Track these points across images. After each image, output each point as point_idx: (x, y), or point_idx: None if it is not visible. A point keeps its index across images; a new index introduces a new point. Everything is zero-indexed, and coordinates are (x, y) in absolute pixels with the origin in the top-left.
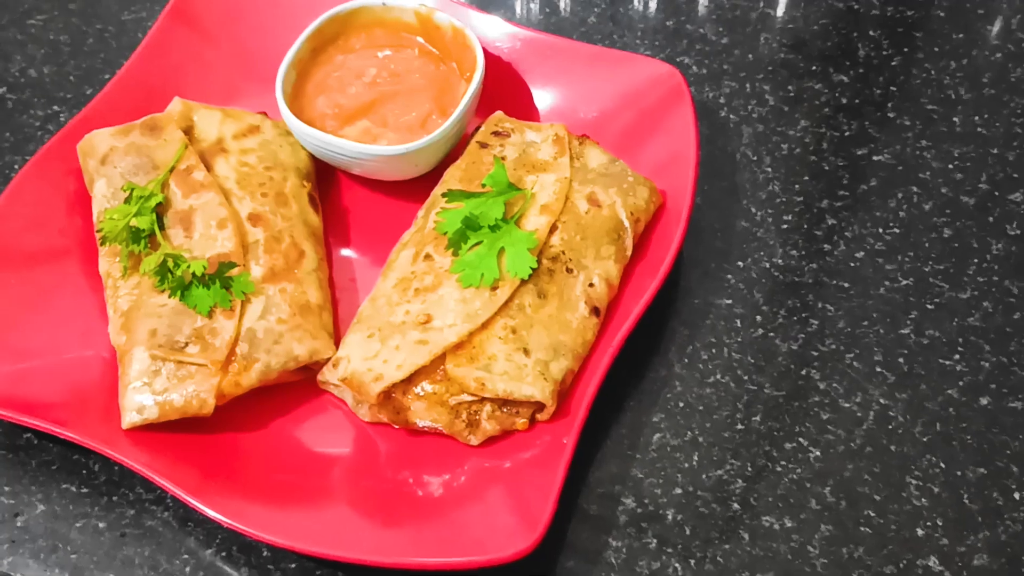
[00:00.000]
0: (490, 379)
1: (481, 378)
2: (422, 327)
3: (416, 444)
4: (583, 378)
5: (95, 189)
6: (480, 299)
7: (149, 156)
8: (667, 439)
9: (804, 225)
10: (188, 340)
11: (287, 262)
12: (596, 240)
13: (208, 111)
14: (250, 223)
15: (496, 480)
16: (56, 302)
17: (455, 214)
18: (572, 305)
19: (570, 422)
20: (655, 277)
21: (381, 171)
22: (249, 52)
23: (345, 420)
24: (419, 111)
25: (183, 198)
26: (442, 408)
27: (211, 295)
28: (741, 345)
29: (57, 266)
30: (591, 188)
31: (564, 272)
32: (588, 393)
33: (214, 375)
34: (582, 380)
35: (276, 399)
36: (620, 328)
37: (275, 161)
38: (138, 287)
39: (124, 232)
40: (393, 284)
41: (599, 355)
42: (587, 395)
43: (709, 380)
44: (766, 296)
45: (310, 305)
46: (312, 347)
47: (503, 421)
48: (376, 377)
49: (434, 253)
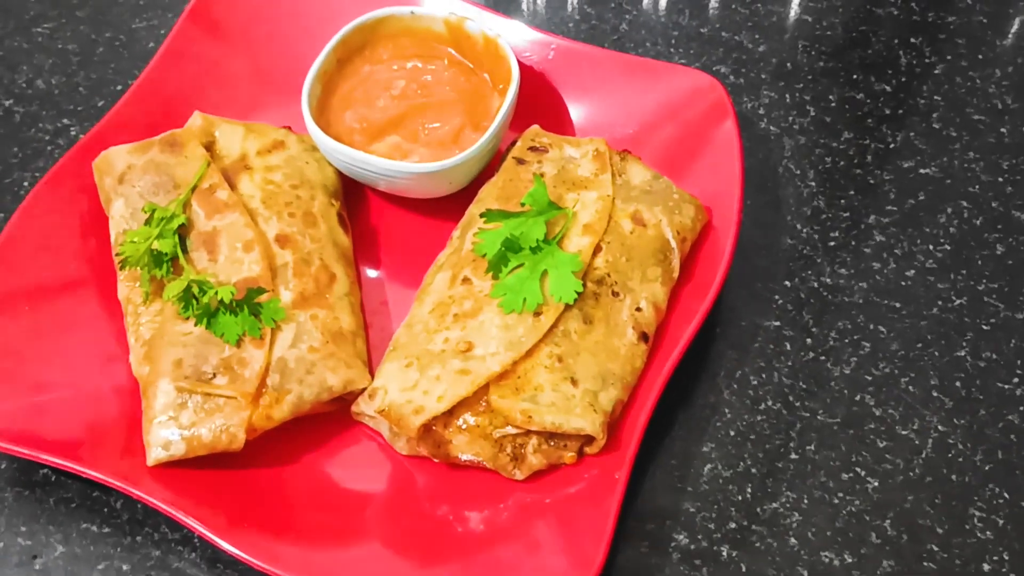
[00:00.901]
0: (537, 411)
1: (528, 410)
2: (463, 355)
3: (456, 478)
4: (632, 408)
5: (112, 209)
6: (523, 325)
7: (169, 174)
8: (719, 470)
9: (852, 242)
10: (216, 371)
11: (318, 286)
12: (642, 261)
13: (230, 126)
14: (278, 245)
15: (543, 517)
16: (72, 330)
17: (494, 235)
18: (619, 331)
19: (620, 456)
20: (703, 300)
21: (413, 189)
22: (269, 62)
23: (380, 453)
24: (451, 125)
25: (206, 219)
26: (485, 441)
27: (239, 323)
28: (791, 369)
29: (72, 291)
30: (635, 206)
31: (610, 296)
32: (638, 425)
33: (244, 408)
34: (631, 410)
35: (307, 431)
36: (669, 355)
37: (302, 179)
38: (160, 314)
39: (145, 256)
40: (430, 309)
41: (648, 384)
42: (637, 427)
43: (760, 407)
44: (815, 317)
45: (343, 332)
46: (346, 377)
47: (550, 455)
48: (416, 409)
49: (472, 276)
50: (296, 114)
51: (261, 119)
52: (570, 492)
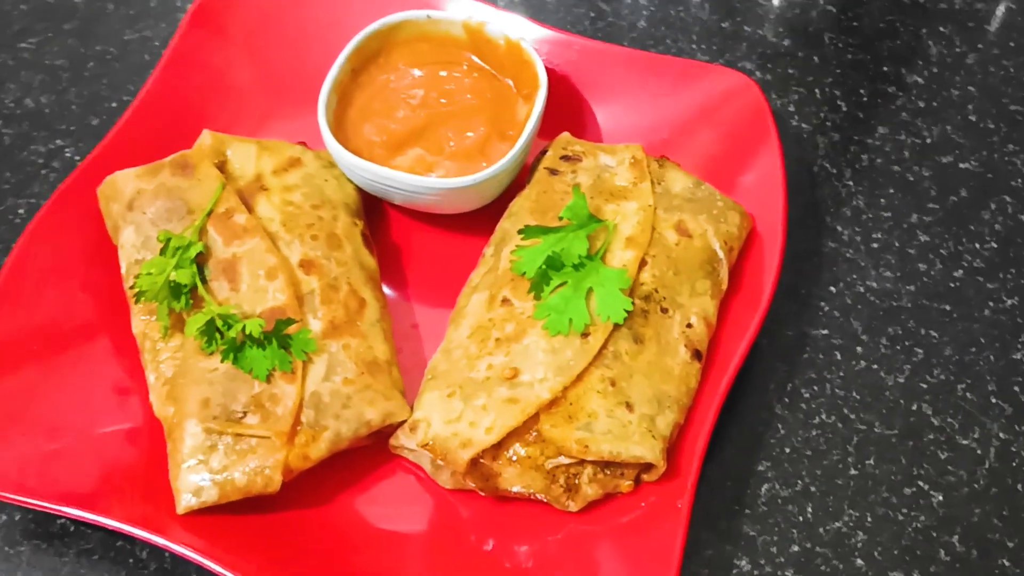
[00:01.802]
0: (593, 440)
1: (583, 440)
2: (509, 383)
3: (503, 511)
4: (689, 430)
5: (122, 238)
6: (571, 348)
7: (182, 199)
8: (777, 490)
9: (895, 243)
10: (246, 409)
11: (348, 313)
12: (690, 274)
13: (242, 144)
14: (302, 271)
15: (600, 550)
16: (84, 368)
17: (533, 252)
18: (671, 349)
19: (681, 482)
20: (752, 311)
21: (440, 205)
22: (277, 72)
23: (421, 488)
24: (476, 135)
25: (224, 245)
26: (537, 473)
27: (268, 357)
28: (844, 380)
29: (82, 327)
30: (678, 216)
31: (659, 313)
32: (697, 449)
33: (279, 448)
34: (688, 433)
35: (342, 467)
36: (722, 372)
37: (322, 198)
38: (181, 349)
39: (163, 289)
40: (468, 333)
41: (704, 404)
42: (696, 451)
43: (814, 421)
44: (864, 324)
45: (378, 361)
46: (385, 410)
47: (606, 484)
48: (464, 443)
49: (512, 297)
50: (308, 126)
51: (272, 133)
52: (628, 522)
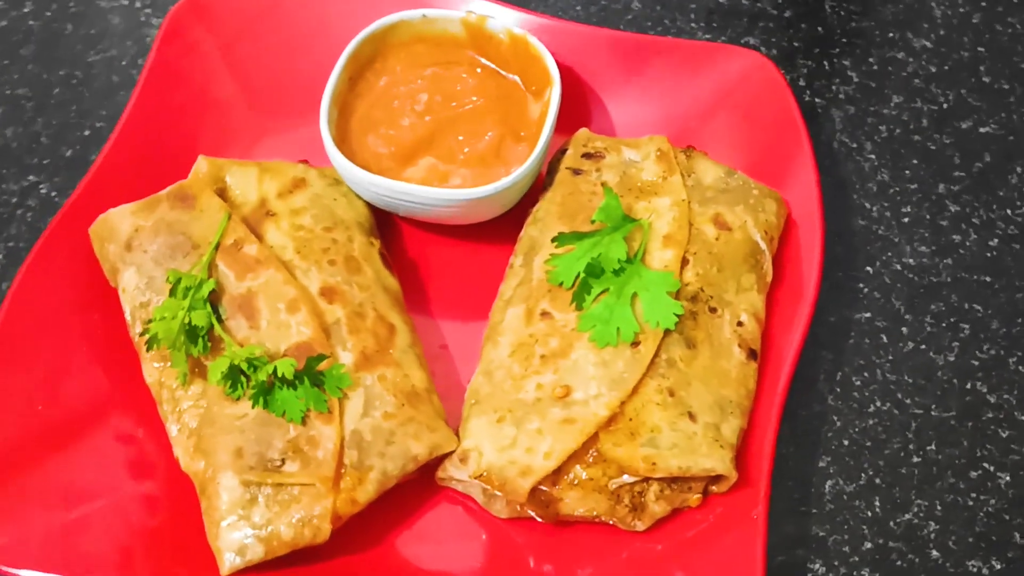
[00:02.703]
0: (660, 456)
1: (650, 456)
2: (562, 402)
3: (563, 536)
4: (753, 434)
5: (122, 281)
6: (622, 359)
7: (185, 233)
8: (841, 485)
9: (926, 216)
10: (283, 456)
11: (378, 341)
12: (734, 269)
13: (241, 168)
14: (324, 300)
15: (671, 569)
16: (94, 426)
17: (569, 260)
18: (725, 351)
19: (753, 491)
20: (798, 301)
21: (460, 216)
22: (263, 85)
23: (472, 520)
24: (489, 138)
25: (238, 280)
26: (600, 495)
27: (301, 397)
28: (894, 364)
29: (86, 380)
30: (715, 209)
31: (708, 313)
32: (765, 454)
33: (325, 495)
34: (752, 437)
35: (387, 505)
36: (779, 369)
37: (333, 219)
38: (204, 396)
39: (180, 334)
40: (509, 352)
41: (764, 405)
42: (765, 456)
43: (869, 409)
44: (906, 303)
45: (416, 390)
46: (431, 442)
47: (673, 500)
48: (523, 471)
49: (552, 309)
50: (303, 140)
51: (266, 151)
52: (698, 537)
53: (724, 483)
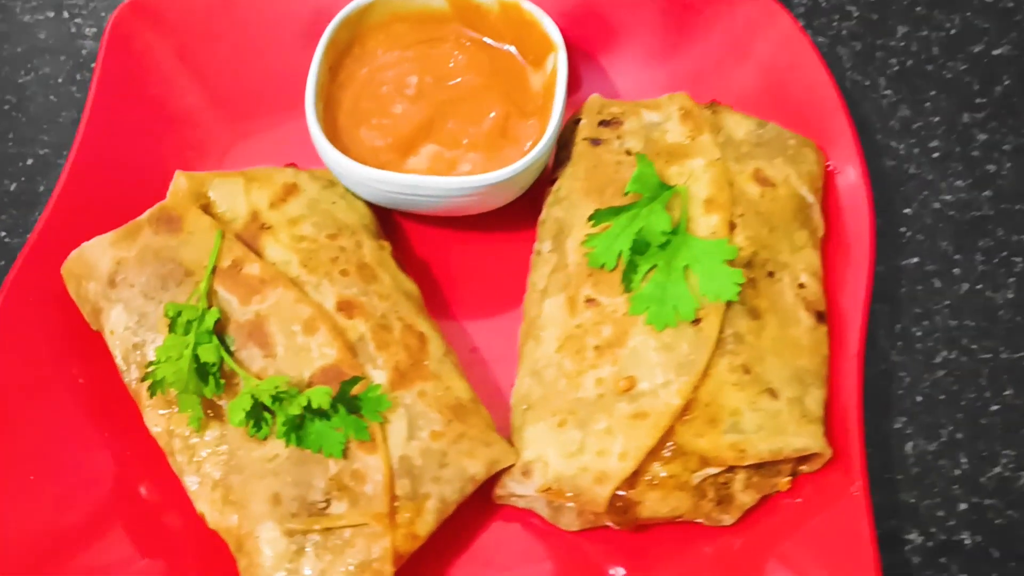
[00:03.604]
0: (748, 442)
1: (738, 443)
2: (628, 396)
3: (641, 540)
4: (836, 403)
5: (108, 322)
6: (685, 340)
7: (175, 259)
8: (922, 446)
9: (956, 148)
10: (328, 496)
11: (410, 354)
12: (786, 228)
13: (224, 180)
14: (343, 315)
15: (765, 560)
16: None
17: (608, 239)
18: (792, 317)
19: (847, 465)
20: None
21: (474, 205)
22: (226, 87)
23: (538, 537)
24: (493, 117)
25: (242, 305)
26: (683, 492)
27: (337, 427)
28: (952, 308)
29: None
30: (753, 164)
31: (767, 278)
32: (853, 422)
33: (382, 534)
34: (835, 406)
35: (441, 533)
36: (849, 328)
37: (336, 224)
38: (224, 441)
39: (190, 374)
40: (556, 347)
41: (842, 370)
42: (853, 425)
43: (936, 361)
44: (953, 242)
45: (462, 402)
46: (489, 458)
47: (762, 487)
48: (598, 477)
49: (597, 294)
50: (285, 140)
51: (242, 158)
52: (791, 523)
53: (817, 461)
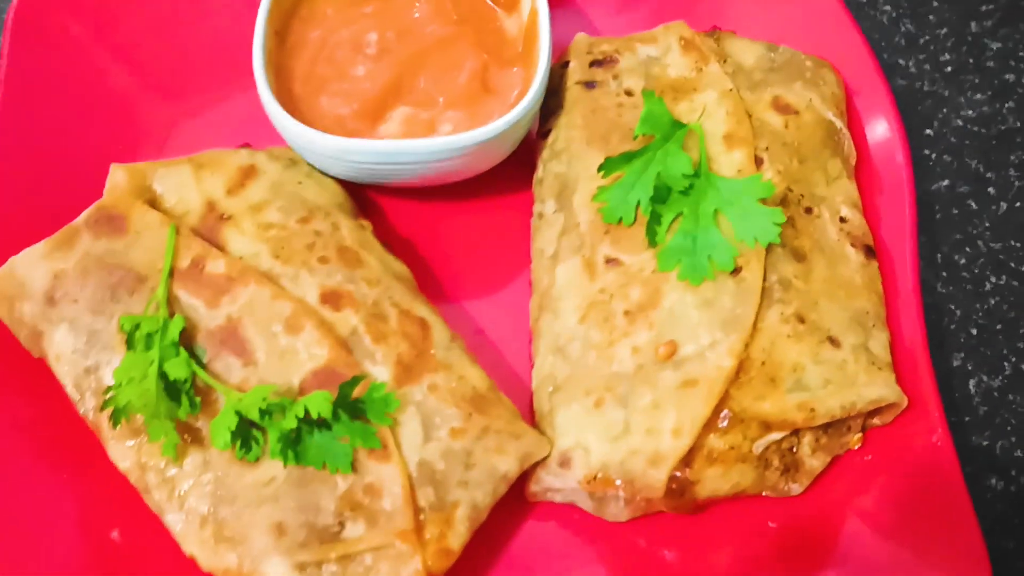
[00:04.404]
0: (817, 400)
1: (806, 402)
2: (672, 363)
3: (696, 522)
4: (898, 346)
5: (52, 345)
6: (726, 293)
7: (123, 265)
8: (986, 382)
9: (969, 60)
10: (341, 518)
11: (413, 344)
12: (816, 157)
13: (169, 169)
14: (329, 308)
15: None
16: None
17: (622, 189)
18: (839, 255)
19: (923, 412)
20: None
21: (458, 169)
22: (156, 62)
23: (580, 536)
24: (469, 68)
25: (210, 308)
26: (745, 465)
27: (342, 437)
28: (994, 230)
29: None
30: (770, 92)
31: (804, 215)
32: (922, 364)
33: (409, 554)
34: (898, 349)
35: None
36: (897, 261)
37: (307, 207)
38: (208, 468)
39: (158, 396)
40: (579, 318)
41: (900, 307)
42: (922, 367)
43: (985, 288)
44: (982, 160)
45: (479, 392)
46: (520, 452)
47: (832, 448)
48: (652, 459)
49: (617, 253)
50: (232, 118)
51: (186, 144)
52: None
53: (891, 411)
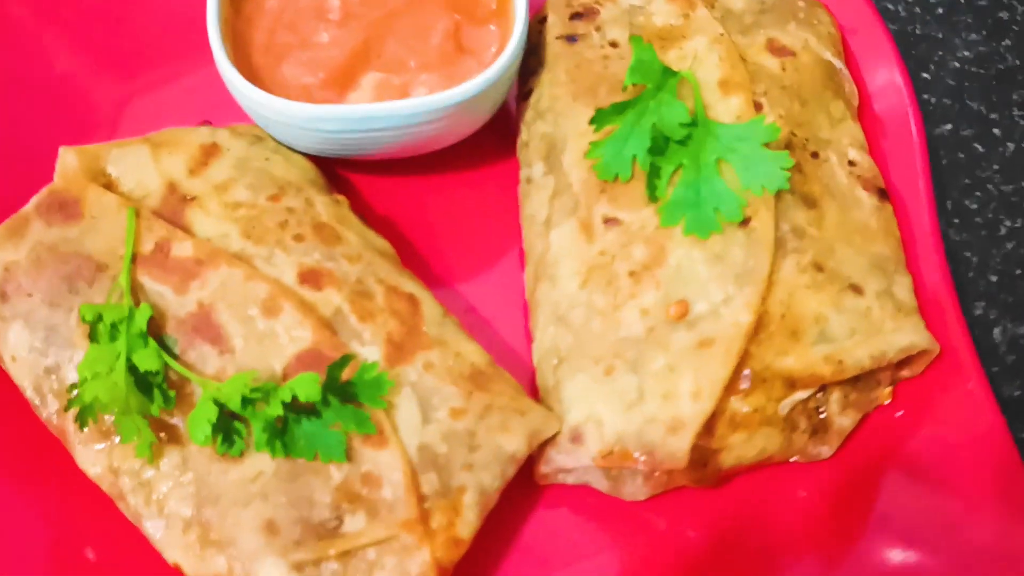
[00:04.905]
0: (845, 350)
1: (833, 354)
2: (685, 323)
3: (726, 498)
4: (920, 292)
5: (6, 346)
6: (737, 245)
7: (80, 253)
8: (1010, 329)
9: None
10: (338, 512)
11: (402, 321)
12: (818, 99)
13: (124, 150)
14: (309, 288)
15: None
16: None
17: (617, 143)
18: (851, 199)
19: (955, 360)
20: (892, 123)
21: (435, 136)
22: (104, 37)
23: (597, 520)
24: (440, 29)
25: (178, 294)
26: (771, 428)
27: (333, 423)
28: (1003, 172)
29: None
30: (763, 34)
31: (811, 160)
32: (949, 308)
33: (416, 546)
34: (921, 293)
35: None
36: (911, 205)
37: (276, 183)
38: (187, 467)
39: (127, 391)
40: (579, 283)
41: (919, 252)
42: (950, 311)
43: (1000, 232)
44: (983, 101)
45: (479, 369)
46: (528, 429)
47: (861, 404)
48: (672, 426)
49: (615, 211)
50: (188, 94)
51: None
52: (900, 440)
53: (921, 361)
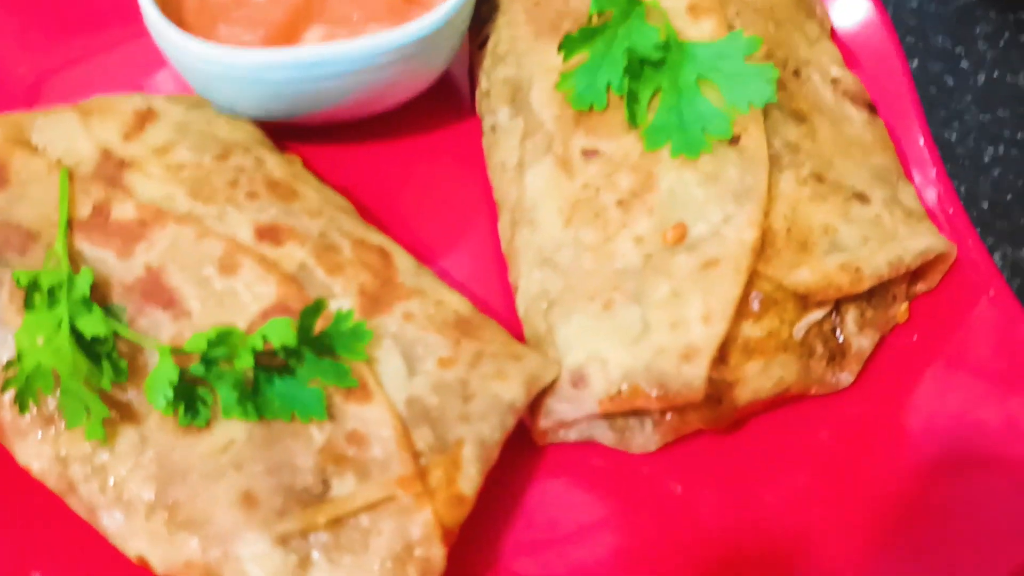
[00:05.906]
0: (860, 258)
1: (849, 263)
2: (684, 247)
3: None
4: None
5: None
6: (729, 164)
7: (8, 223)
8: (1011, 254)
9: None
10: (325, 476)
11: (375, 273)
12: (792, 19)
13: (50, 118)
14: (269, 244)
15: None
16: None
17: (589, 71)
18: (840, 114)
19: (969, 268)
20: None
21: (390, 86)
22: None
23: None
24: None
25: (122, 259)
26: (788, 355)
27: (311, 379)
28: (978, 101)
29: None
30: None
31: (794, 78)
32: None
33: (415, 506)
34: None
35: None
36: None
37: (221, 144)
38: (147, 444)
39: (70, 363)
40: (564, 222)
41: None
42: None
43: (984, 160)
44: (948, 35)
45: (464, 316)
46: (525, 374)
47: (879, 323)
48: (684, 353)
49: (594, 142)
50: (112, 66)
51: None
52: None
53: (938, 270)
